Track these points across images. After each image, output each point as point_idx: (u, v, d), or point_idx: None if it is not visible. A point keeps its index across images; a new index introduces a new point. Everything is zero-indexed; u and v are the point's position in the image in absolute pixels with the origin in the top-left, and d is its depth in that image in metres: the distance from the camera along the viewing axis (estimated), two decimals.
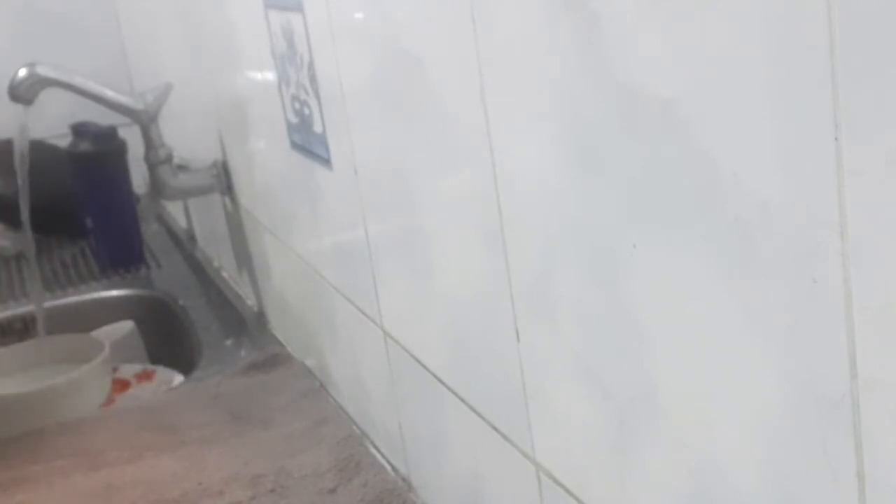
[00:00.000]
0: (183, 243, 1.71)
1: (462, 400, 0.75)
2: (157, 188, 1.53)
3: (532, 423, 0.64)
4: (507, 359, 0.65)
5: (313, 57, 0.88)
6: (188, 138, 1.52)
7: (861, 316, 0.36)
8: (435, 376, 0.79)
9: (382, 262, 0.85)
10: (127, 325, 1.41)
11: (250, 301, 1.41)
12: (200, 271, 1.57)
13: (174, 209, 1.83)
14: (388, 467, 0.94)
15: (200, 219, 1.64)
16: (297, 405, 1.08)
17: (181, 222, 1.79)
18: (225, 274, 1.54)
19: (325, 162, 0.92)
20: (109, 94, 1.43)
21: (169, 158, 1.50)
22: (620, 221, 0.49)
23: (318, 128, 0.92)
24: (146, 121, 1.47)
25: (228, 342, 1.29)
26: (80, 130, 1.50)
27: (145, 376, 1.29)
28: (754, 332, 0.42)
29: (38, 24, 1.78)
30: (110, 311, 1.47)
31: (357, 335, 0.96)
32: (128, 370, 1.31)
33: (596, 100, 0.49)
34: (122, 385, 1.28)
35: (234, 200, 1.36)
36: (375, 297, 0.88)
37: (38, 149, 1.46)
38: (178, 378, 1.25)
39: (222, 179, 1.37)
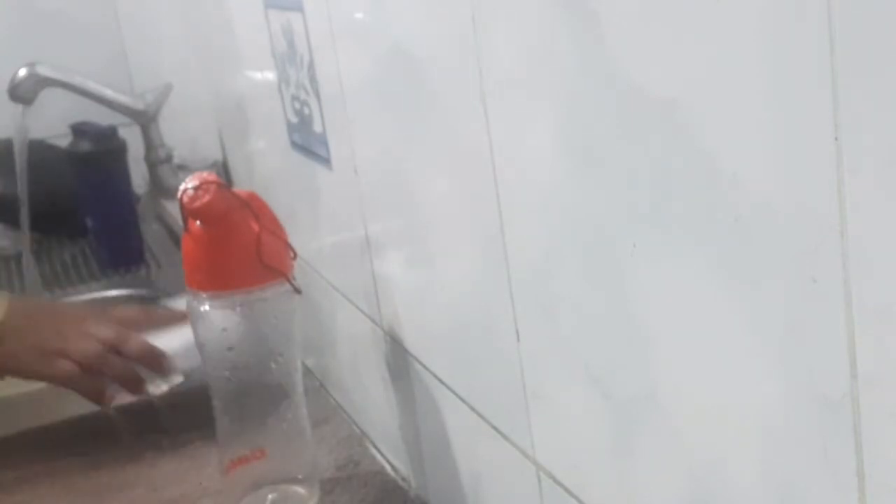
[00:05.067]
0: None
1: (462, 400, 0.75)
2: (157, 188, 1.53)
3: (532, 423, 0.64)
4: (507, 359, 0.65)
5: (313, 57, 0.88)
6: (188, 138, 1.52)
7: (861, 316, 0.36)
8: (435, 376, 0.79)
9: (382, 262, 0.85)
10: None
11: None
12: None
13: (174, 209, 1.83)
14: (388, 467, 0.94)
15: None
16: None
17: (181, 222, 1.79)
18: None
19: (325, 162, 0.92)
20: (109, 94, 1.43)
21: (169, 158, 1.50)
22: (620, 221, 0.49)
23: (318, 128, 0.92)
24: (146, 121, 1.47)
25: None
26: (80, 130, 1.50)
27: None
28: (754, 331, 0.42)
29: (38, 23, 1.78)
30: None
31: (357, 335, 0.96)
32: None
33: (596, 99, 0.49)
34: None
35: None
36: (375, 297, 0.88)
37: (38, 149, 1.46)
38: (178, 378, 1.25)
39: (222, 179, 1.37)
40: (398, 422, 0.90)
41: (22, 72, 1.35)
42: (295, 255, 0.84)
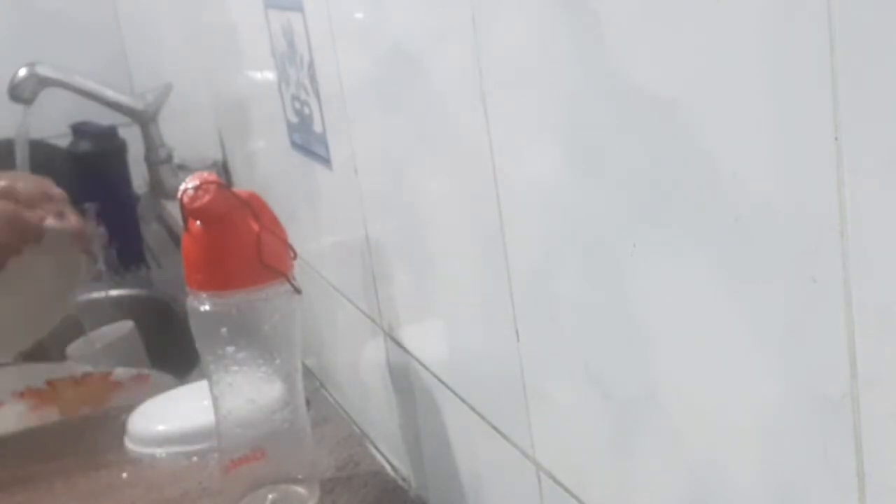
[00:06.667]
0: None
1: (462, 400, 0.75)
2: (157, 188, 1.53)
3: (532, 423, 0.64)
4: (507, 359, 0.65)
5: (313, 57, 0.88)
6: (188, 138, 1.52)
7: (861, 316, 0.36)
8: (435, 376, 0.79)
9: (382, 262, 0.85)
10: (127, 325, 1.41)
11: None
12: None
13: (174, 209, 1.83)
14: (388, 467, 0.94)
15: None
16: None
17: (181, 222, 1.79)
18: None
19: (325, 162, 0.92)
20: (109, 94, 1.43)
21: (169, 158, 1.50)
22: (620, 221, 0.49)
23: (318, 128, 0.92)
24: (146, 121, 1.47)
25: None
26: (80, 130, 1.50)
27: (140, 379, 1.29)
28: (754, 331, 0.42)
29: (38, 23, 1.78)
30: (110, 311, 1.47)
31: (357, 335, 0.96)
32: (122, 374, 1.31)
33: (596, 99, 0.49)
34: (115, 387, 1.28)
35: None
36: (375, 297, 0.88)
37: (38, 149, 1.46)
38: (172, 381, 1.25)
39: (222, 179, 1.37)
40: (398, 422, 0.90)
41: (22, 72, 1.35)
42: (295, 255, 0.84)
